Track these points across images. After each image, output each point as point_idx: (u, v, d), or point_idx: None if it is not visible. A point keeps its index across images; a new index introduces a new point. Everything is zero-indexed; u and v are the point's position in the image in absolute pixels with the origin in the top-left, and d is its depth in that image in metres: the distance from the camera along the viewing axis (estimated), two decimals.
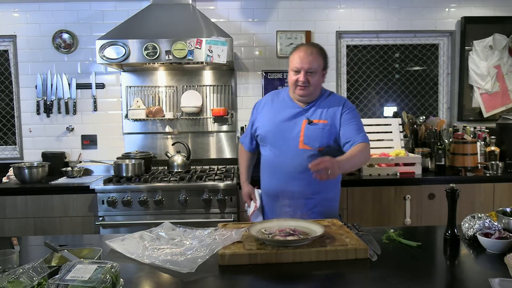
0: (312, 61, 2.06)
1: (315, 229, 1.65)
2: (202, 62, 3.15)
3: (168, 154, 3.40)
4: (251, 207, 2.32)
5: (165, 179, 2.99)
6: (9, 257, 1.37)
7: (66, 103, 3.56)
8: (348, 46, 3.75)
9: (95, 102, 3.58)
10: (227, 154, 3.63)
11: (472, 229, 1.67)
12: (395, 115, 3.71)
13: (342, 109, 2.13)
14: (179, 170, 3.27)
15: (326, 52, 2.18)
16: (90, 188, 2.88)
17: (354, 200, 2.99)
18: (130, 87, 3.57)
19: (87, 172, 3.34)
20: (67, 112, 3.57)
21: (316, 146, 2.07)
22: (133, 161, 3.15)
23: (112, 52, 2.97)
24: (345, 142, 2.07)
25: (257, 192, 2.33)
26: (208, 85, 3.60)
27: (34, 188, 2.95)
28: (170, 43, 2.97)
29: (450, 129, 3.43)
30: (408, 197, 3.00)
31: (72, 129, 3.58)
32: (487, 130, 3.40)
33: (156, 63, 3.24)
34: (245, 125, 3.28)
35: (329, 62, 2.20)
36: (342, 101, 2.17)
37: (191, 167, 3.40)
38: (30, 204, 2.91)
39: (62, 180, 3.12)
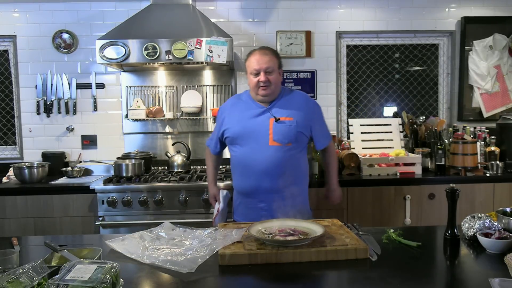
0: (269, 61, 2.19)
1: (315, 229, 1.65)
2: (202, 62, 3.14)
3: (168, 154, 3.40)
4: (215, 210, 2.39)
5: (165, 179, 2.99)
6: (9, 257, 1.37)
7: (66, 103, 3.56)
8: (348, 46, 3.75)
9: (95, 102, 3.57)
10: (227, 154, 3.61)
11: (472, 229, 1.67)
12: (395, 115, 3.71)
13: (307, 106, 2.30)
14: (179, 170, 3.27)
15: (277, 52, 2.33)
16: (90, 188, 2.88)
17: (354, 200, 2.98)
18: (130, 87, 3.57)
19: (87, 172, 3.34)
20: (67, 112, 3.57)
21: (285, 142, 2.19)
22: (133, 161, 3.15)
23: (112, 52, 2.97)
24: (317, 142, 2.35)
25: (221, 193, 2.41)
26: (208, 85, 3.60)
27: (34, 188, 2.95)
28: (170, 43, 2.97)
29: (450, 129, 3.43)
30: (408, 197, 3.00)
31: (72, 129, 3.58)
32: (487, 130, 3.40)
33: (156, 63, 3.24)
34: None
35: (282, 62, 2.33)
36: (304, 98, 2.35)
37: (191, 167, 3.40)
38: (30, 204, 2.91)
39: (62, 180, 3.12)
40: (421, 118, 3.58)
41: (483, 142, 3.29)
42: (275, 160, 2.17)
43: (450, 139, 3.26)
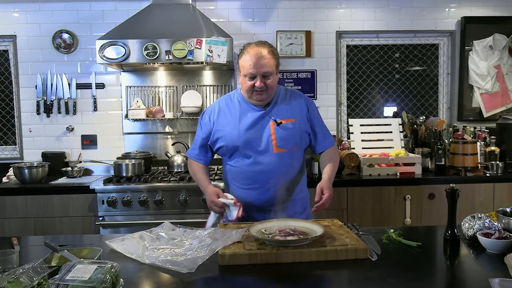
0: (266, 65, 1.93)
1: (315, 229, 1.65)
2: (202, 62, 3.14)
3: (168, 154, 3.40)
4: (231, 209, 1.98)
5: (165, 179, 2.99)
6: (9, 257, 1.37)
7: (66, 103, 3.56)
8: (348, 46, 3.75)
9: (95, 102, 3.57)
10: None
11: (472, 229, 1.67)
12: (395, 115, 3.71)
13: (306, 106, 2.10)
14: (179, 170, 3.27)
15: (275, 49, 2.04)
16: (90, 188, 2.89)
17: (354, 200, 2.99)
18: (130, 87, 3.57)
19: (87, 172, 3.34)
20: (67, 112, 3.57)
21: (291, 147, 2.02)
22: (133, 161, 3.15)
23: (112, 52, 2.97)
24: (316, 145, 2.14)
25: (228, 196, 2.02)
26: (208, 85, 3.60)
27: (34, 188, 2.95)
28: (170, 43, 2.97)
29: (450, 129, 3.43)
30: (408, 197, 3.00)
31: (72, 129, 3.58)
32: (487, 130, 3.40)
33: (156, 63, 3.24)
34: None
35: (280, 60, 2.06)
36: (302, 96, 2.14)
37: None
38: (30, 204, 2.91)
39: (62, 180, 3.12)
40: (421, 118, 3.58)
41: (483, 142, 3.29)
42: (282, 168, 1.98)
43: (450, 139, 3.26)
